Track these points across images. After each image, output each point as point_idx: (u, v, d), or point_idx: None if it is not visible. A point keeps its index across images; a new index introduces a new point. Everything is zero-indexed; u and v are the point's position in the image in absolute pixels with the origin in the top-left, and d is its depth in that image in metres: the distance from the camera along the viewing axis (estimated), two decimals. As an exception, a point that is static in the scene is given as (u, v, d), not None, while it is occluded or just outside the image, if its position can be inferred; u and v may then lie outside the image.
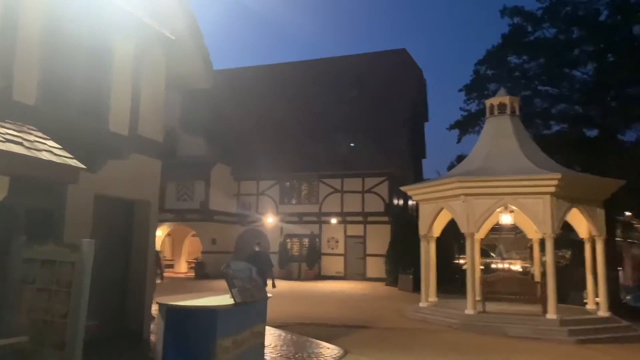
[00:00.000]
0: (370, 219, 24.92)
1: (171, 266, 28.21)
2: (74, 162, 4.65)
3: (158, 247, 26.01)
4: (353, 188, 25.34)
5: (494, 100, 13.71)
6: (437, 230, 14.12)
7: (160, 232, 25.97)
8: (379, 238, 24.13)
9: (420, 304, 13.04)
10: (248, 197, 26.99)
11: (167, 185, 25.41)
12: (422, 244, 13.50)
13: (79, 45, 6.03)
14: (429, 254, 13.50)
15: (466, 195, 11.56)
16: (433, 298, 13.69)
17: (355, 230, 25.24)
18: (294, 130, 27.15)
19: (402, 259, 21.10)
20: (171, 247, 29.14)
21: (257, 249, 12.32)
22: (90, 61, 6.23)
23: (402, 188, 13.67)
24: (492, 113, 13.64)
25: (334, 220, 25.27)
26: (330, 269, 25.11)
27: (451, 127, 23.66)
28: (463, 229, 11.57)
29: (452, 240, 21.93)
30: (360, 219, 25.11)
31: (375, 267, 23.89)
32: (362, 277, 24.44)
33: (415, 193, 13.47)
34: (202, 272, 24.38)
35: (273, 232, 26.09)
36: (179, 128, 26.00)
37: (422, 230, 13.34)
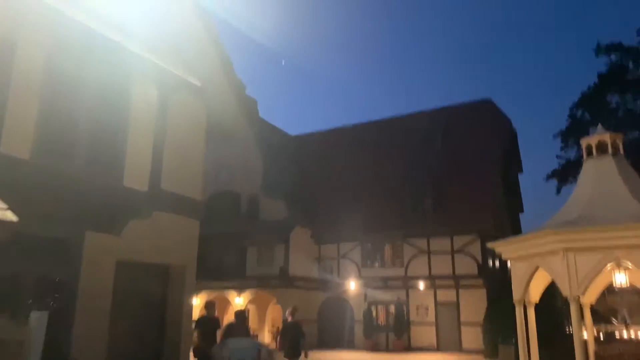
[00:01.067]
0: (462, 282, 22.55)
1: (255, 336, 27.32)
2: (5, 214, 3.78)
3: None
4: (441, 248, 23.29)
5: (592, 140, 11.69)
6: (535, 294, 11.94)
7: (242, 300, 25.43)
8: (473, 304, 21.60)
9: (522, 383, 10.76)
10: (329, 261, 25.84)
11: (247, 251, 25.13)
12: (517, 312, 11.38)
13: (86, 92, 5.59)
14: (525, 323, 11.32)
15: (566, 250, 9.55)
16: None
17: (447, 295, 22.90)
18: (375, 190, 26.02)
19: (502, 328, 18.43)
20: (255, 316, 28.39)
21: (289, 319, 10.70)
22: (102, 110, 5.75)
23: (489, 245, 11.82)
24: (590, 154, 11.60)
25: (421, 285, 23.19)
26: (421, 340, 22.76)
27: (549, 177, 21.37)
28: (565, 291, 9.47)
29: (562, 305, 18.95)
30: (451, 282, 22.82)
31: (472, 337, 21.22)
32: (458, 348, 21.80)
33: (505, 250, 11.55)
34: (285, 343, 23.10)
35: (356, 299, 24.48)
36: (261, 193, 26.04)
37: (516, 294, 11.26)
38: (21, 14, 4.89)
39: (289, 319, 10.72)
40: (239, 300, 25.39)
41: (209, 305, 9.17)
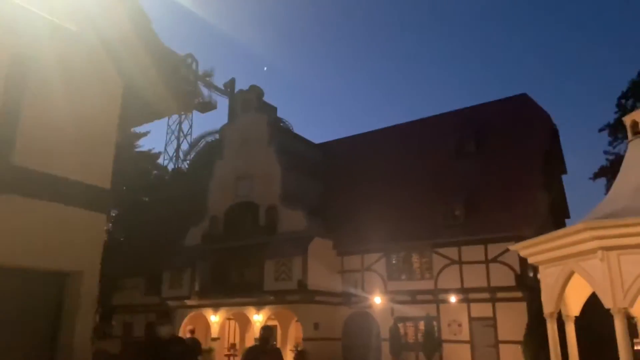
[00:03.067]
0: (499, 295, 20.17)
1: (277, 355, 25.64)
2: None
3: (257, 334, 23.88)
4: (474, 258, 21.01)
5: (637, 115, 9.64)
6: (574, 305, 9.86)
7: (261, 317, 23.87)
8: (512, 319, 19.16)
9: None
10: (353, 274, 23.95)
11: (265, 264, 23.65)
12: (549, 327, 9.34)
13: None
14: (558, 340, 9.26)
15: (606, 249, 7.51)
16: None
17: (482, 310, 20.54)
18: (402, 197, 24.04)
19: (546, 346, 16.05)
20: (277, 334, 26.73)
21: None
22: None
23: (512, 247, 9.81)
24: (636, 133, 9.53)
25: (453, 299, 20.93)
26: (454, 359, 20.45)
27: (596, 176, 18.87)
28: (606, 302, 7.42)
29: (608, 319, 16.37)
30: (486, 295, 20.47)
31: (512, 356, 18.76)
32: (497, 370, 19.38)
33: (532, 252, 9.54)
34: (303, 362, 21.38)
35: (382, 315, 22.43)
36: (280, 203, 24.65)
37: (547, 306, 9.26)
38: None
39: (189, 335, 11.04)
40: (257, 318, 23.86)
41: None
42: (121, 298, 31.50)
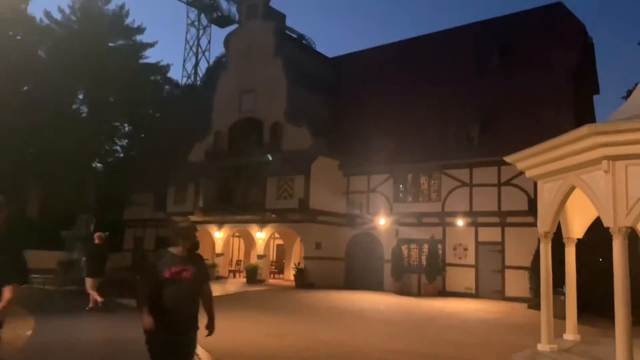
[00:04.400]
0: (509, 219, 19.03)
1: (281, 272, 25.61)
2: None
3: (261, 251, 23.66)
4: (485, 180, 19.70)
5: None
6: (577, 227, 8.67)
7: (264, 234, 23.51)
8: (521, 245, 18.09)
9: (540, 347, 7.74)
10: (358, 195, 23.03)
11: (267, 182, 22.90)
12: (542, 248, 8.24)
13: None
14: (550, 263, 8.19)
15: (611, 159, 6.16)
16: (572, 335, 8.36)
17: (490, 234, 19.53)
18: (414, 115, 22.50)
19: (554, 272, 15.09)
20: (282, 252, 26.59)
21: (97, 242, 12.06)
22: None
23: (507, 158, 8.49)
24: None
25: (460, 222, 19.92)
26: (456, 284, 19.79)
27: (629, 95, 16.66)
28: (606, 220, 6.18)
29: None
30: (496, 220, 19.36)
31: (517, 283, 17.92)
32: (500, 295, 18.66)
33: (529, 164, 8.21)
34: (304, 280, 21.11)
35: (386, 236, 21.71)
36: (284, 120, 23.44)
37: (541, 224, 8.07)
38: None
39: (96, 241, 11.82)
40: (260, 235, 23.51)
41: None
42: (132, 213, 31.76)
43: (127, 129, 42.35)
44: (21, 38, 33.55)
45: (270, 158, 22.59)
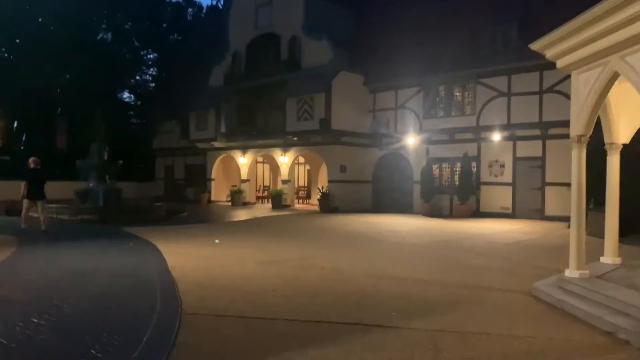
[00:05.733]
0: (552, 131, 17.01)
1: (308, 197, 24.80)
2: None
3: (285, 176, 22.70)
4: (526, 88, 17.53)
5: None
6: (623, 131, 7.03)
7: (288, 159, 22.46)
8: (564, 159, 15.94)
9: (567, 273, 6.40)
10: (385, 113, 21.32)
11: (287, 103, 21.50)
12: (574, 155, 6.67)
13: None
14: (583, 171, 6.68)
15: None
16: (611, 258, 7.03)
17: (530, 149, 17.64)
18: (444, 19, 20.04)
19: (596, 189, 13.29)
20: (308, 175, 25.63)
21: (32, 166, 12.37)
22: None
23: (532, 45, 6.71)
24: None
25: (497, 137, 18.05)
26: (492, 204, 18.29)
27: None
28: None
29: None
30: (536, 132, 17.37)
31: (558, 201, 16.26)
32: (539, 215, 17.09)
33: (560, 51, 6.43)
34: (328, 204, 20.18)
35: (416, 156, 20.18)
36: (302, 33, 21.55)
37: (574, 125, 6.48)
38: None
39: (32, 166, 12.23)
40: (284, 160, 22.49)
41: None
42: (161, 142, 31.41)
43: (152, 56, 41.37)
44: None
45: (291, 77, 21.02)
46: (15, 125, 32.08)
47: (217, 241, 10.85)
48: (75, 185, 18.46)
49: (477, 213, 18.24)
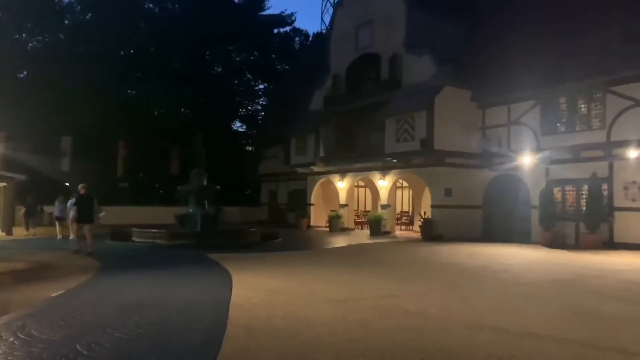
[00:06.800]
0: None
1: (410, 223, 23.14)
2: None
3: (385, 200, 21.37)
4: (671, 95, 14.60)
5: None
6: None
7: (387, 182, 21.18)
8: None
9: None
10: (496, 130, 19.23)
11: (386, 123, 20.37)
12: None
13: None
14: None
15: None
16: None
17: (678, 167, 14.56)
18: (565, 22, 17.69)
19: None
20: (412, 200, 23.97)
21: (82, 192, 13.10)
22: None
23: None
24: None
25: (634, 153, 15.19)
26: (629, 233, 15.30)
27: None
28: None
29: None
30: (687, 147, 14.30)
31: None
32: (696, 248, 13.89)
33: None
34: (431, 232, 18.48)
35: (534, 177, 17.78)
36: (403, 50, 20.50)
37: None
38: None
39: (81, 192, 12.93)
40: (382, 183, 21.25)
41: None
42: (265, 167, 31.90)
43: (262, 86, 42.83)
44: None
45: (391, 96, 19.90)
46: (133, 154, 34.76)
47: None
48: (178, 211, 18.89)
49: (609, 244, 15.37)
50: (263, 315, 6.18)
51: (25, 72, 33.22)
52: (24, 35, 33.36)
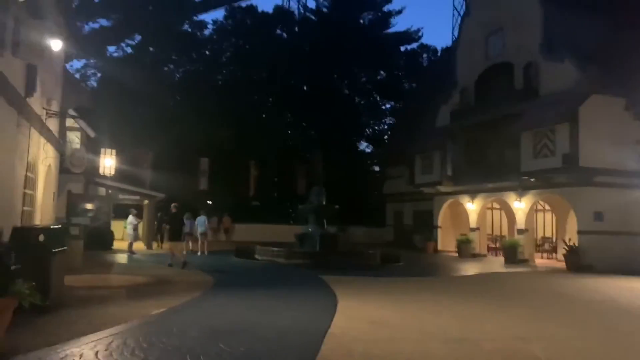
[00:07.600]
0: None
1: (553, 251, 20.41)
2: None
3: (522, 225, 19.14)
4: None
5: None
6: None
7: (524, 204, 19.00)
8: None
9: None
10: (659, 143, 16.17)
11: (521, 137, 18.38)
12: None
13: None
14: None
15: None
16: None
17: None
18: None
19: None
20: (556, 225, 21.18)
21: (173, 211, 14.32)
22: None
23: None
24: None
25: None
26: None
27: None
28: None
29: None
30: None
31: None
32: None
33: None
34: (577, 262, 16.04)
35: None
36: (539, 56, 18.56)
37: None
38: None
39: (173, 211, 14.26)
40: (519, 205, 19.11)
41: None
42: (390, 187, 31.04)
43: (388, 105, 42.29)
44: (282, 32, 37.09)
45: (527, 106, 17.93)
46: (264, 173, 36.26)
47: None
48: (299, 229, 18.86)
49: None
50: (359, 352, 5.39)
51: (172, 102, 36.77)
52: (171, 66, 36.99)
